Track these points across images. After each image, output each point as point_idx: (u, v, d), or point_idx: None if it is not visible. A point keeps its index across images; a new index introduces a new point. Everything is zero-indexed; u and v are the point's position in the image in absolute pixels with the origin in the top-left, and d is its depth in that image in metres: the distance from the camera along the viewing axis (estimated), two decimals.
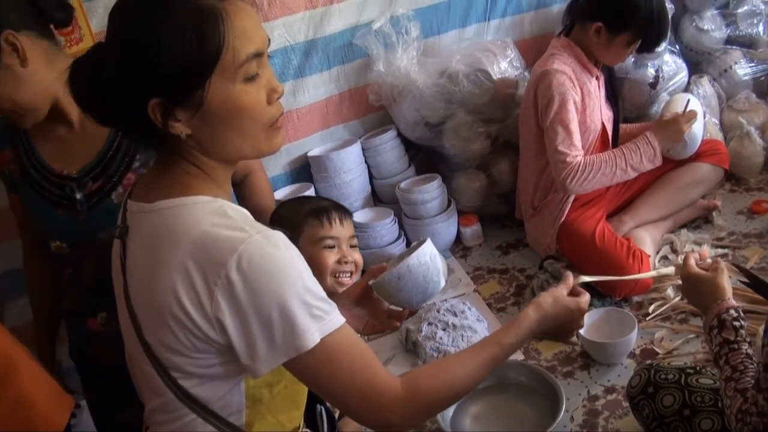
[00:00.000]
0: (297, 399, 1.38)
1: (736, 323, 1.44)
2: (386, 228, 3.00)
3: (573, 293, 1.54)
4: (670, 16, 3.08)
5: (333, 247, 2.05)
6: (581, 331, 2.25)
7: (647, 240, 2.66)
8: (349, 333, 1.20)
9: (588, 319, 2.29)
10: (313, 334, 1.13)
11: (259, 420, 1.29)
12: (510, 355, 1.42)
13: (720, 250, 2.68)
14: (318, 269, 1.98)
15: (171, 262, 1.12)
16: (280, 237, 1.15)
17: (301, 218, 2.04)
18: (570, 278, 1.58)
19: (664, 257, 2.70)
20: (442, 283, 1.61)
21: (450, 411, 2.10)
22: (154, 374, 1.20)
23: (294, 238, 1.21)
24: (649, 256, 2.56)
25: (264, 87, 1.19)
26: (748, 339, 1.42)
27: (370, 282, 1.60)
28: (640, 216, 2.76)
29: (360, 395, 1.21)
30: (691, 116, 2.58)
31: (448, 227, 3.07)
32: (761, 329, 2.03)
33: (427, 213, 3.01)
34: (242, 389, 1.24)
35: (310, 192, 2.99)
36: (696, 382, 1.66)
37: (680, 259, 2.61)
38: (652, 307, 2.44)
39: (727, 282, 1.55)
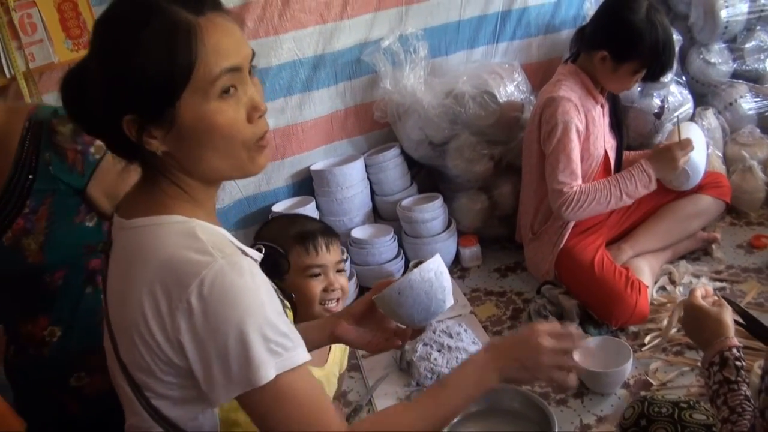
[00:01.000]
0: None
1: (738, 363, 1.42)
2: (386, 245, 3.00)
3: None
4: (677, 48, 3.12)
5: (319, 275, 2.01)
6: (576, 358, 2.25)
7: (646, 270, 2.66)
8: (306, 374, 1.16)
9: (584, 347, 2.30)
10: (268, 370, 1.09)
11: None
12: (460, 398, 1.31)
13: (718, 284, 2.67)
14: (305, 298, 1.96)
15: (140, 282, 1.11)
16: (246, 264, 1.12)
17: (287, 243, 1.97)
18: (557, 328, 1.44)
19: (662, 288, 2.70)
20: (449, 303, 1.55)
21: None
22: (130, 393, 1.19)
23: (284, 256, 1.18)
24: (648, 287, 2.56)
25: (244, 105, 1.15)
26: (747, 380, 1.41)
27: (374, 297, 1.56)
28: (639, 245, 2.76)
29: None
30: (685, 145, 2.56)
31: (447, 247, 3.07)
32: (756, 366, 2.03)
33: (427, 232, 3.01)
34: (215, 413, 1.22)
35: (311, 206, 2.99)
36: (689, 417, 1.65)
37: (678, 290, 2.64)
38: (648, 338, 2.43)
39: (731, 320, 1.54)
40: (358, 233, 3.04)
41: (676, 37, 3.14)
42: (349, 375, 2.55)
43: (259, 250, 1.34)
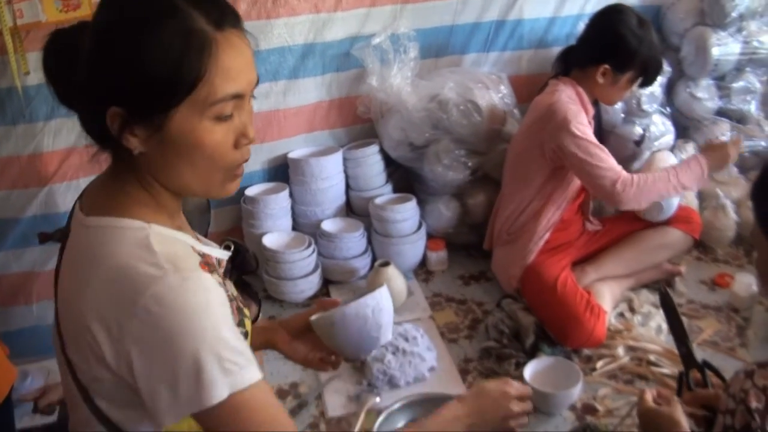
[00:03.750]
0: None
1: None
2: (354, 240, 3.00)
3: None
4: (665, 78, 3.15)
5: None
6: (526, 376, 2.27)
7: (606, 295, 2.67)
8: (263, 391, 1.11)
9: (535, 366, 2.33)
10: (220, 389, 1.03)
11: None
12: None
13: None
14: None
15: (88, 288, 1.07)
16: (199, 279, 1.07)
17: None
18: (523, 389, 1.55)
19: (620, 314, 2.71)
20: (384, 340, 1.53)
21: None
22: (74, 389, 1.15)
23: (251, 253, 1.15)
24: (606, 312, 2.57)
25: (234, 130, 1.12)
26: None
27: (310, 318, 1.55)
28: (603, 269, 2.77)
29: None
30: (737, 142, 2.67)
31: (415, 249, 3.08)
32: None
33: (397, 232, 3.02)
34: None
35: (284, 193, 3.00)
36: None
37: (636, 319, 2.66)
38: (600, 363, 2.45)
39: (682, 415, 1.59)
40: (328, 226, 3.03)
41: (666, 68, 3.16)
42: (302, 368, 2.55)
43: (227, 248, 1.32)
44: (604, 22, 2.61)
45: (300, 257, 2.89)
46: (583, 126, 2.50)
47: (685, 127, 3.37)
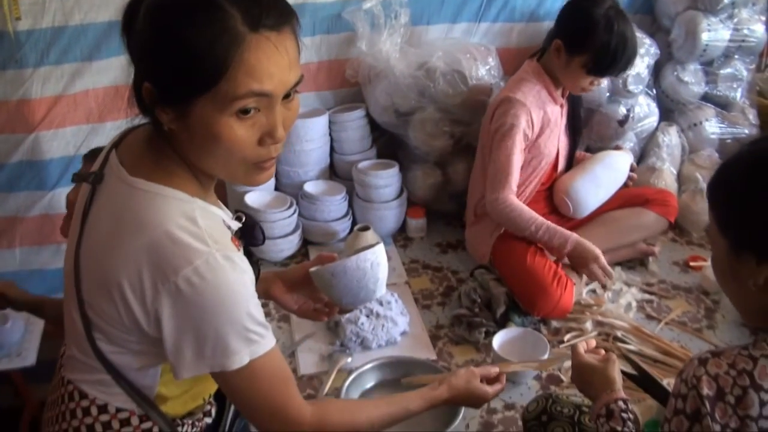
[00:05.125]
0: None
1: (624, 414, 1.47)
2: (335, 204, 3.03)
3: (492, 379, 1.70)
4: (652, 60, 3.16)
5: None
6: (494, 345, 2.31)
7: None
8: (275, 356, 1.23)
9: (504, 335, 2.37)
10: (242, 357, 1.15)
11: (170, 388, 1.29)
12: (414, 412, 1.54)
13: (647, 296, 2.75)
14: None
15: (128, 247, 1.11)
16: (238, 259, 1.14)
17: None
18: (493, 370, 1.72)
19: (592, 291, 2.76)
20: (379, 293, 1.62)
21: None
22: (79, 326, 1.20)
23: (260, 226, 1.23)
24: (574, 284, 2.61)
25: (260, 128, 1.12)
26: (634, 430, 1.47)
27: (310, 270, 1.61)
28: None
29: (270, 415, 1.26)
30: (607, 272, 2.47)
31: (395, 215, 3.11)
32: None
33: (378, 198, 3.04)
34: (159, 369, 1.25)
35: None
36: (588, 421, 1.70)
37: (607, 295, 2.70)
38: (567, 336, 2.50)
39: (618, 374, 1.59)
40: (310, 187, 3.05)
41: (654, 50, 3.18)
42: (277, 325, 2.60)
43: (239, 219, 1.35)
44: None
45: (281, 217, 2.91)
46: (518, 138, 2.54)
47: (669, 110, 3.40)
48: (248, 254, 1.46)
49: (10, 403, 2.28)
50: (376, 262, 1.58)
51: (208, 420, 1.42)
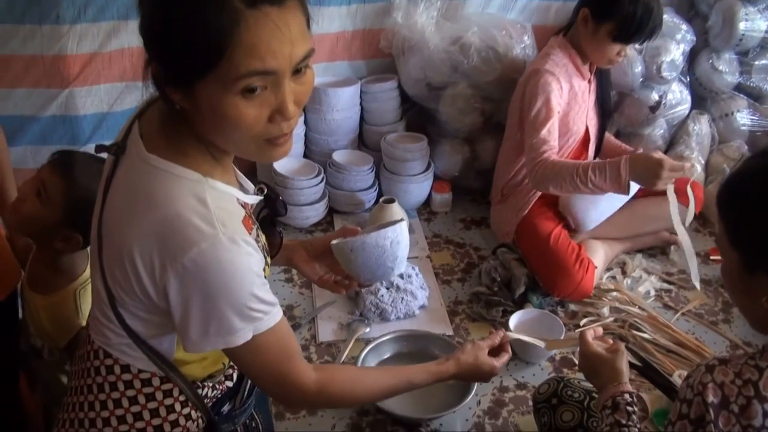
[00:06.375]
0: None
1: (629, 408, 1.48)
2: (362, 174, 3.05)
3: (497, 349, 1.74)
4: (688, 47, 3.12)
5: None
6: (510, 325, 2.34)
7: (600, 252, 2.72)
8: (280, 330, 1.26)
9: (521, 316, 2.40)
10: (245, 334, 1.19)
11: (188, 353, 1.30)
12: (420, 384, 1.61)
13: (666, 285, 2.76)
14: None
15: (139, 223, 1.13)
16: (243, 243, 1.15)
17: None
18: (497, 336, 1.75)
19: (612, 277, 2.77)
20: (398, 271, 1.64)
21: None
22: (103, 293, 1.24)
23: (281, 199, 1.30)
24: (596, 267, 2.62)
25: (269, 105, 1.09)
26: (638, 425, 1.48)
27: (331, 243, 1.64)
28: (597, 230, 2.78)
29: (275, 382, 1.33)
30: (678, 168, 2.33)
31: (421, 189, 3.13)
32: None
33: (405, 171, 3.06)
34: (175, 337, 1.28)
35: (300, 119, 3.01)
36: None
37: (627, 281, 2.72)
38: (584, 321, 2.52)
39: (626, 366, 1.59)
40: (338, 157, 3.07)
41: (690, 37, 3.15)
42: (299, 292, 2.65)
43: (261, 191, 1.37)
44: None
45: (309, 185, 2.95)
46: (554, 102, 2.51)
47: (702, 98, 3.37)
48: (272, 224, 1.50)
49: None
50: (396, 240, 1.60)
51: (230, 383, 1.45)
